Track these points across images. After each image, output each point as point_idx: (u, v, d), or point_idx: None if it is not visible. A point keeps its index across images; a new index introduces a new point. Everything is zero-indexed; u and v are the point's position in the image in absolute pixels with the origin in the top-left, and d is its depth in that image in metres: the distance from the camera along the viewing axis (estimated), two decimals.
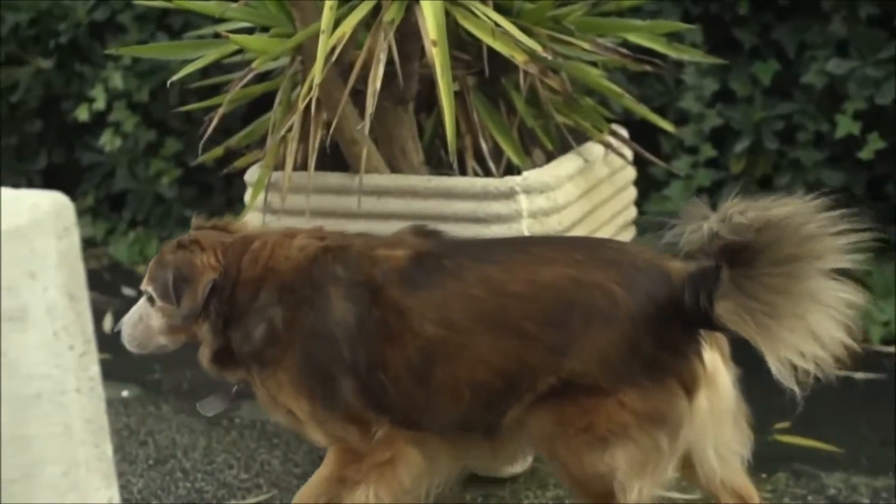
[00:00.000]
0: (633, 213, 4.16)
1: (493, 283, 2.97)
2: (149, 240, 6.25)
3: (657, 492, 3.01)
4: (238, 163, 3.90)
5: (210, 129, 3.54)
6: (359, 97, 3.39)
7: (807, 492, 3.70)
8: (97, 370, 2.07)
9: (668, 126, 4.05)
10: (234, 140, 3.90)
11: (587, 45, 3.63)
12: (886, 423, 4.07)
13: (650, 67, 3.73)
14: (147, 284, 3.23)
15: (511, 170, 3.65)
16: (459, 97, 3.67)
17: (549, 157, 3.76)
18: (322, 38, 3.21)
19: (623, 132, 4.01)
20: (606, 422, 2.88)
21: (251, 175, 3.69)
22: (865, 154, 4.87)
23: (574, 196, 3.59)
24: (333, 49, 3.25)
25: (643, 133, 4.36)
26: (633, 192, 4.14)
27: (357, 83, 3.36)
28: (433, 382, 3.00)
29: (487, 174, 3.65)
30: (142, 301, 3.26)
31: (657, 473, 2.95)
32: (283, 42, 3.49)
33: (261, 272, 3.14)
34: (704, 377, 2.91)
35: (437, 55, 3.22)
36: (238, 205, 3.73)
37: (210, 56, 3.59)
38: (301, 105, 3.30)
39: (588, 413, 2.89)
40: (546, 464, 3.63)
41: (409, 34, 3.39)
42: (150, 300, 3.23)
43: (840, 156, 5.00)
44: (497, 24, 3.35)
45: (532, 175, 3.48)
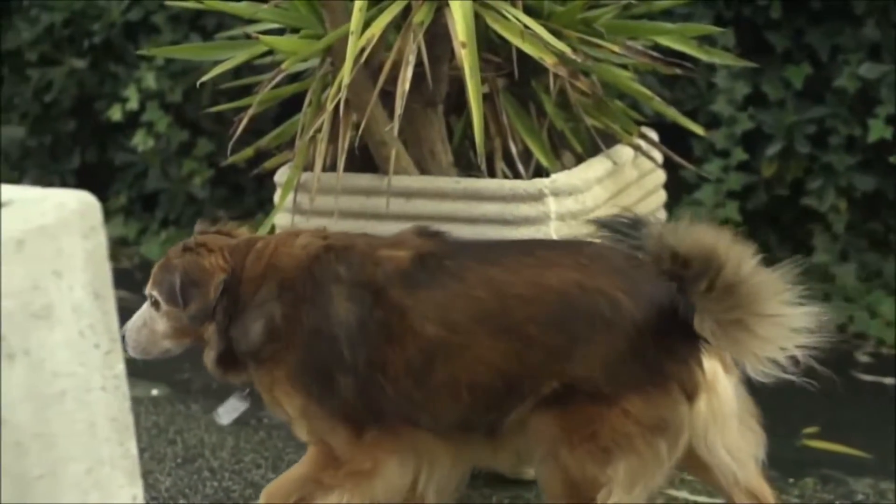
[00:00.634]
0: (663, 217, 4.15)
1: (496, 285, 2.97)
2: (180, 239, 6.25)
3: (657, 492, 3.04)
4: (268, 164, 3.91)
5: (239, 130, 3.55)
6: (388, 98, 3.39)
7: (834, 497, 3.69)
8: (122, 368, 2.09)
9: (699, 129, 4.04)
10: (265, 141, 3.92)
11: (617, 48, 3.63)
12: None
13: (680, 70, 3.72)
14: (151, 289, 3.24)
15: (540, 172, 3.65)
16: (489, 99, 3.68)
17: (579, 160, 3.76)
18: (351, 40, 3.21)
19: (653, 135, 4.00)
20: (611, 431, 2.88)
21: (281, 176, 3.70)
22: None
23: (602, 199, 3.58)
24: (363, 50, 3.25)
25: (675, 136, 4.34)
26: (663, 196, 4.13)
27: (386, 84, 3.37)
28: (432, 383, 3.00)
29: (517, 176, 3.65)
30: (145, 306, 3.26)
31: (652, 481, 2.96)
32: (313, 43, 3.50)
33: (263, 269, 3.15)
34: (704, 383, 2.91)
35: (467, 57, 3.22)
36: (269, 205, 3.74)
37: (240, 57, 3.61)
38: (330, 106, 3.31)
39: (593, 422, 2.89)
40: None
41: (439, 36, 3.39)
42: (155, 304, 3.24)
43: (872, 160, 4.97)
44: (526, 27, 3.35)
45: (560, 177, 3.48)
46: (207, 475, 3.99)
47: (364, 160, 3.62)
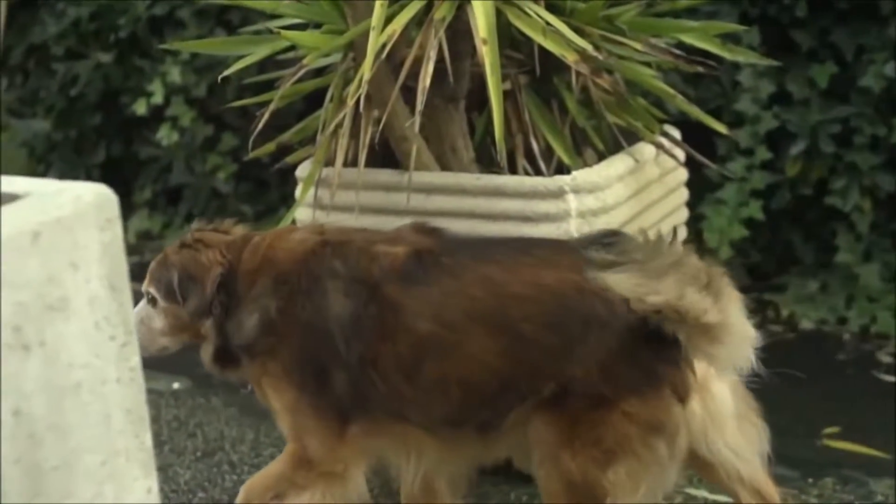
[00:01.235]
0: (685, 215, 4.13)
1: (493, 284, 2.97)
2: None
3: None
4: (290, 158, 3.91)
5: (261, 125, 3.56)
6: (409, 94, 3.39)
7: (854, 498, 3.67)
8: (138, 360, 2.09)
9: (721, 128, 4.02)
10: (287, 136, 3.92)
11: (639, 46, 3.62)
12: None
13: (702, 68, 3.70)
14: (149, 286, 3.25)
15: (562, 169, 3.64)
16: (511, 96, 3.67)
17: (601, 158, 3.75)
18: (372, 35, 3.21)
19: (675, 133, 3.99)
20: (613, 434, 2.88)
21: (302, 171, 3.71)
22: None
23: (623, 196, 3.58)
24: (384, 46, 3.25)
25: (699, 134, 4.32)
26: (685, 194, 4.12)
27: (408, 80, 3.36)
28: (422, 379, 3.00)
29: (538, 173, 3.65)
30: (142, 303, 3.26)
31: (655, 483, 2.96)
32: (335, 38, 3.51)
33: (259, 264, 3.17)
34: (696, 384, 2.92)
35: (487, 54, 3.22)
36: (292, 200, 3.74)
37: (261, 52, 3.61)
38: (351, 101, 3.31)
39: (596, 426, 2.89)
40: None
41: (461, 32, 3.39)
42: (153, 301, 3.25)
43: None
44: (548, 24, 3.34)
45: (581, 174, 3.47)
46: (227, 469, 4.00)
47: (385, 156, 3.62)
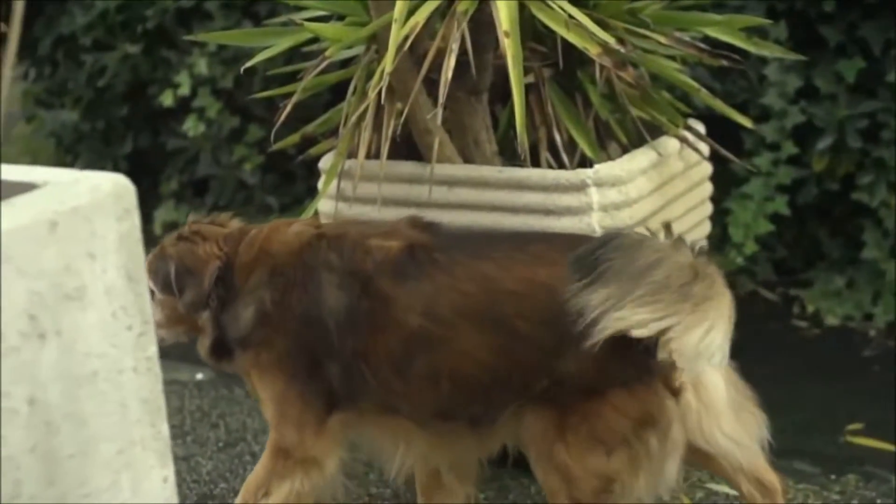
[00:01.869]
0: (709, 209, 4.11)
1: (486, 280, 2.99)
2: None
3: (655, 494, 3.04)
4: (313, 150, 3.92)
5: (284, 117, 3.56)
6: (432, 86, 3.39)
7: (876, 494, 3.66)
8: (155, 350, 2.10)
9: (746, 122, 4.00)
10: (311, 127, 3.93)
11: (664, 39, 3.60)
12: None
13: (726, 62, 3.69)
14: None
15: (585, 163, 3.62)
16: (534, 89, 3.66)
17: (625, 151, 3.73)
18: (395, 28, 3.21)
19: (699, 127, 3.97)
20: (606, 428, 2.90)
21: (325, 162, 3.71)
22: None
23: (647, 190, 3.57)
24: (406, 38, 3.25)
25: (726, 129, 4.31)
26: (709, 188, 4.10)
27: (430, 73, 3.36)
28: (412, 372, 3.02)
29: (561, 166, 3.64)
30: None
31: (651, 477, 2.96)
32: (358, 30, 3.51)
33: (255, 256, 3.20)
34: (689, 377, 2.92)
35: (510, 46, 3.21)
36: (317, 192, 3.76)
37: (283, 44, 3.62)
38: (373, 94, 3.31)
39: (588, 420, 2.91)
40: None
41: (483, 25, 3.38)
42: (150, 293, 3.26)
43: None
44: (571, 17, 3.33)
45: (604, 168, 3.46)
46: (248, 459, 4.02)
47: (408, 148, 3.62)
